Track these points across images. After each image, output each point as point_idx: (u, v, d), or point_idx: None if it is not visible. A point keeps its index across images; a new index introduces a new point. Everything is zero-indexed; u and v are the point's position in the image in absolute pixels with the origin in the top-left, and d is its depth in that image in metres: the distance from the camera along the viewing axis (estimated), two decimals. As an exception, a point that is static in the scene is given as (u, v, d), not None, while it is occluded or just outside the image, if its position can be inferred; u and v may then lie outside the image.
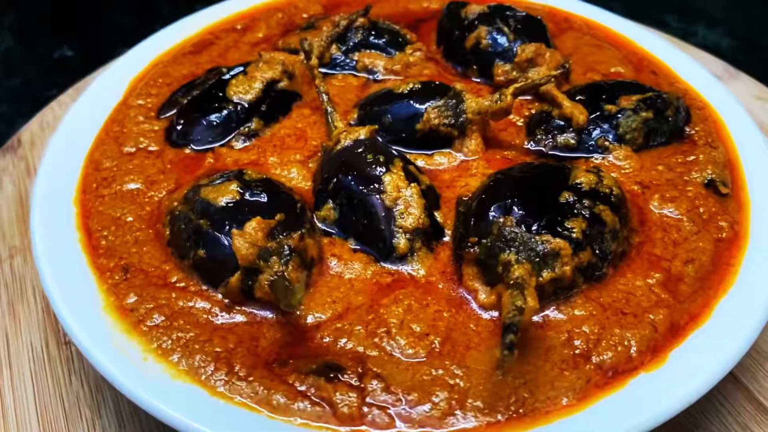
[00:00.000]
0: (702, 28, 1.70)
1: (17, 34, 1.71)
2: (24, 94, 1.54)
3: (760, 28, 1.71)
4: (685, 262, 0.90)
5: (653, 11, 1.74)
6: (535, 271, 0.82)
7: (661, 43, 1.24)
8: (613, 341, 0.82)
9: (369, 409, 0.76)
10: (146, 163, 1.03)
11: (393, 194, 0.91)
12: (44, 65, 1.62)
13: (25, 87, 1.56)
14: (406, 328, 0.83)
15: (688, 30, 1.69)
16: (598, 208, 0.88)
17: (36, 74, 1.59)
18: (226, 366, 0.80)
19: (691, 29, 1.70)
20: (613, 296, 0.86)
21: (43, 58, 1.64)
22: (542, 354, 0.81)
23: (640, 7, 1.75)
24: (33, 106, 1.39)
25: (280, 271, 0.84)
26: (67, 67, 1.61)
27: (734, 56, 1.57)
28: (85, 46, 1.67)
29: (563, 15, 1.31)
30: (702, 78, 1.17)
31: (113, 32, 1.53)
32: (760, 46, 1.65)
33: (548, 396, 0.78)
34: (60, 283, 0.87)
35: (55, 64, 1.62)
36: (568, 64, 1.03)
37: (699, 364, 0.80)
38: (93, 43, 1.65)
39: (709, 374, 0.79)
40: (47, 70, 1.61)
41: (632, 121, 1.02)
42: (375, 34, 1.20)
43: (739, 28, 1.70)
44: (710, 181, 0.99)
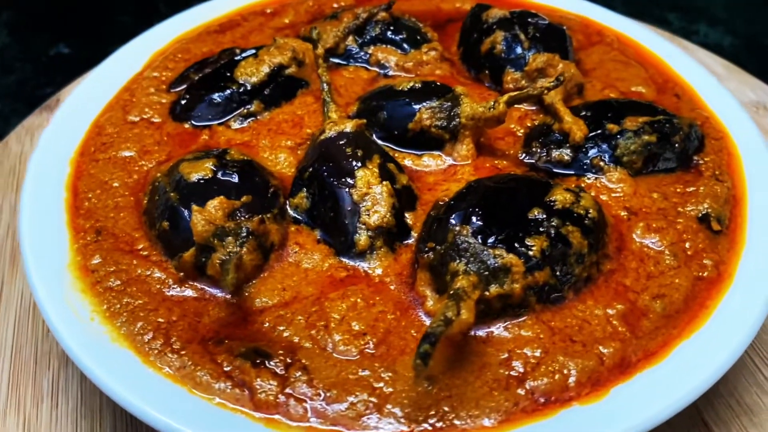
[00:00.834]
0: (704, 27, 1.67)
1: (13, 31, 1.68)
2: (19, 92, 1.51)
3: (762, 27, 1.65)
4: (654, 296, 0.84)
5: (655, 9, 1.72)
6: (481, 285, 0.79)
7: (691, 65, 1.16)
8: (552, 368, 0.78)
9: (286, 399, 0.76)
10: (145, 133, 1.06)
11: (362, 190, 0.90)
12: (40, 63, 1.59)
13: (21, 85, 1.53)
14: (345, 324, 0.81)
15: (689, 28, 1.67)
16: (566, 228, 0.84)
17: (31, 72, 1.56)
18: (163, 337, 0.81)
19: (692, 28, 1.68)
20: (566, 321, 0.82)
21: (38, 55, 1.61)
22: (476, 370, 0.78)
23: (642, 6, 1.73)
24: (28, 104, 1.38)
25: (234, 252, 0.85)
26: (63, 64, 1.58)
27: (736, 55, 1.56)
28: (82, 43, 1.64)
29: (597, 28, 1.26)
30: (727, 106, 1.09)
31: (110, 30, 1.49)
32: (762, 45, 1.59)
33: (470, 414, 0.75)
34: (34, 236, 0.90)
35: (51, 62, 1.59)
36: (563, 77, 0.98)
37: (641, 403, 0.75)
38: (90, 40, 1.62)
39: (649, 415, 0.74)
40: (43, 67, 1.58)
41: (632, 143, 0.97)
42: (393, 29, 1.18)
43: (741, 26, 1.67)
44: (705, 215, 0.93)
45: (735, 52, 1.59)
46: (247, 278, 0.86)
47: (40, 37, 1.66)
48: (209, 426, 0.73)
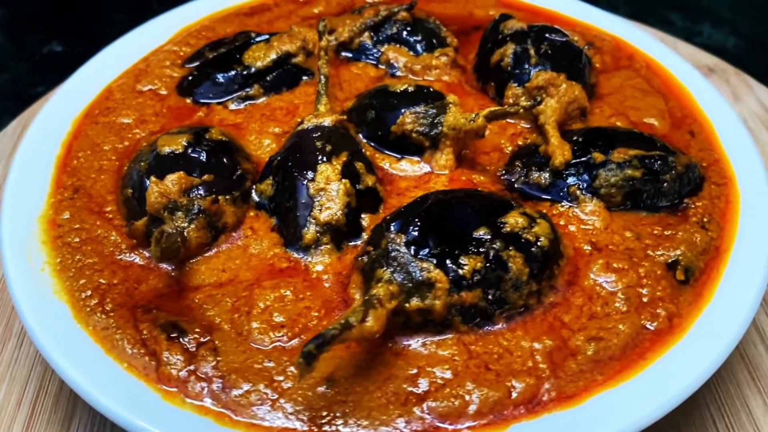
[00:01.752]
0: (707, 27, 1.65)
1: (6, 29, 1.65)
2: (11, 91, 1.49)
3: (766, 27, 1.61)
4: (589, 338, 0.81)
5: (657, 9, 1.69)
6: (402, 296, 0.79)
7: (717, 102, 1.09)
8: (456, 392, 0.76)
9: (188, 375, 0.78)
10: (148, 104, 1.11)
11: (320, 185, 0.91)
12: (33, 61, 1.57)
13: (14, 83, 1.51)
14: (267, 314, 0.83)
15: (692, 29, 1.65)
16: (508, 252, 0.82)
17: (24, 70, 1.54)
18: (99, 297, 0.85)
19: (695, 28, 1.66)
20: (488, 348, 0.80)
21: (32, 53, 1.59)
22: (380, 380, 0.78)
23: (645, 6, 1.70)
24: (20, 102, 1.38)
25: (182, 227, 0.88)
26: (56, 63, 1.56)
27: (739, 56, 1.55)
28: (75, 41, 1.61)
29: (629, 51, 1.20)
30: (743, 150, 1.02)
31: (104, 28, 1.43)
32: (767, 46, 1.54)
33: (360, 423, 0.74)
34: (18, 186, 0.97)
35: (45, 60, 1.57)
36: (540, 98, 0.95)
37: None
38: (83, 39, 1.57)
39: (542, 460, 0.71)
40: (36, 66, 1.56)
41: (612, 176, 0.92)
42: (410, 30, 1.18)
43: (745, 26, 1.65)
44: (674, 262, 0.88)
45: (739, 53, 1.57)
46: (191, 254, 0.89)
47: (34, 35, 1.64)
48: (110, 386, 0.77)
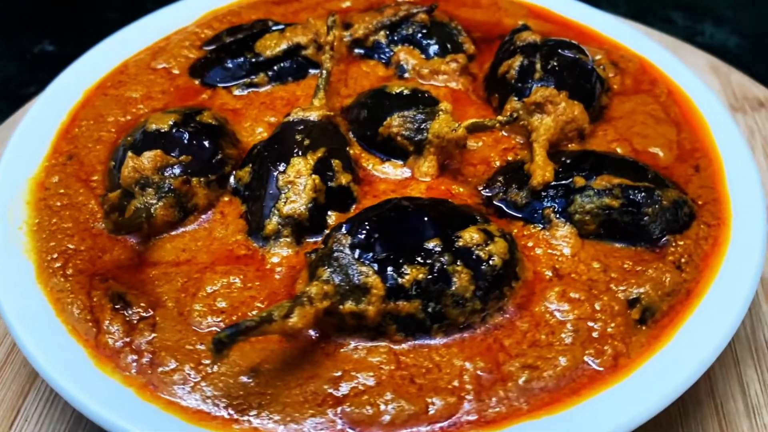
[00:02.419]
0: (709, 26, 1.65)
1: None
2: (1, 91, 1.49)
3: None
4: (524, 366, 0.80)
5: (658, 8, 1.70)
6: (336, 297, 0.80)
7: (734, 138, 1.04)
8: (373, 400, 0.77)
9: (123, 347, 0.82)
10: (158, 81, 1.16)
11: (289, 177, 0.93)
12: (24, 61, 1.57)
13: (3, 83, 1.51)
14: (211, 298, 0.86)
15: (694, 28, 1.65)
16: (454, 267, 0.81)
17: (15, 70, 1.54)
18: (63, 260, 0.90)
19: (697, 27, 1.66)
20: (419, 361, 0.80)
21: (23, 53, 1.59)
22: (303, 378, 0.79)
23: (646, 5, 1.70)
24: (11, 103, 1.37)
25: (151, 203, 0.92)
26: (47, 62, 1.55)
27: (742, 56, 1.55)
28: (67, 40, 1.60)
29: (653, 75, 1.16)
30: (748, 192, 0.97)
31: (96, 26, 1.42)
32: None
33: (272, 417, 0.76)
34: (17, 147, 1.04)
35: (36, 60, 1.57)
36: (517, 114, 0.93)
37: (443, 468, 0.72)
38: (75, 37, 1.55)
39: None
40: (27, 65, 1.56)
41: (588, 202, 0.90)
42: (426, 33, 1.18)
43: (747, 26, 1.65)
44: (635, 300, 0.85)
45: (740, 53, 1.57)
46: (157, 231, 0.93)
47: (24, 34, 1.63)
48: (50, 345, 0.81)
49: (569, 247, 0.90)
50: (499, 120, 0.92)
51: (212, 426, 0.75)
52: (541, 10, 1.30)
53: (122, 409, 0.76)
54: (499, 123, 0.92)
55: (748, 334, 1.02)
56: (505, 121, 0.92)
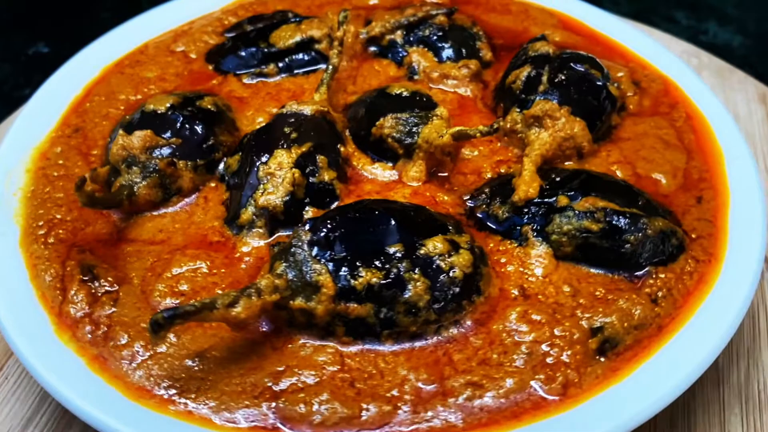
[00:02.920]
0: (713, 26, 1.65)
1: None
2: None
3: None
4: (468, 383, 0.79)
5: (662, 7, 1.69)
6: (287, 292, 0.81)
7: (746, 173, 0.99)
8: (309, 398, 0.77)
9: (83, 317, 0.85)
10: (175, 64, 1.20)
11: (270, 169, 0.94)
12: (18, 62, 1.56)
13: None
14: (175, 280, 0.88)
15: (698, 27, 1.65)
16: (411, 275, 0.81)
17: (9, 72, 1.53)
18: (47, 228, 0.95)
19: (701, 27, 1.65)
20: (363, 365, 0.81)
21: (17, 54, 1.58)
22: (246, 368, 0.81)
23: (649, 4, 1.70)
24: (5, 105, 1.37)
25: (135, 181, 0.96)
26: (42, 64, 1.53)
27: (747, 56, 1.55)
28: (62, 42, 1.58)
29: (675, 99, 1.12)
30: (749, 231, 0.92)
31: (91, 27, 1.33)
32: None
33: (207, 403, 0.78)
34: (28, 116, 1.09)
35: (30, 61, 1.56)
36: (497, 125, 0.91)
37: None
38: (70, 38, 1.49)
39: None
40: (21, 67, 1.55)
41: (566, 224, 0.88)
42: (442, 35, 1.18)
43: (752, 25, 1.64)
44: (598, 329, 0.82)
45: (745, 53, 1.57)
46: (138, 209, 0.97)
47: (19, 35, 1.62)
48: (16, 307, 0.86)
49: (542, 268, 0.88)
50: (479, 129, 0.91)
51: (149, 404, 0.78)
52: (571, 21, 1.28)
53: (69, 378, 0.79)
54: (479, 132, 0.91)
55: (741, 381, 0.97)
56: (486, 132, 0.91)
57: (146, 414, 0.77)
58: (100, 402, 0.77)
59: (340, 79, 1.15)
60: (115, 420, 0.75)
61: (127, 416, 0.76)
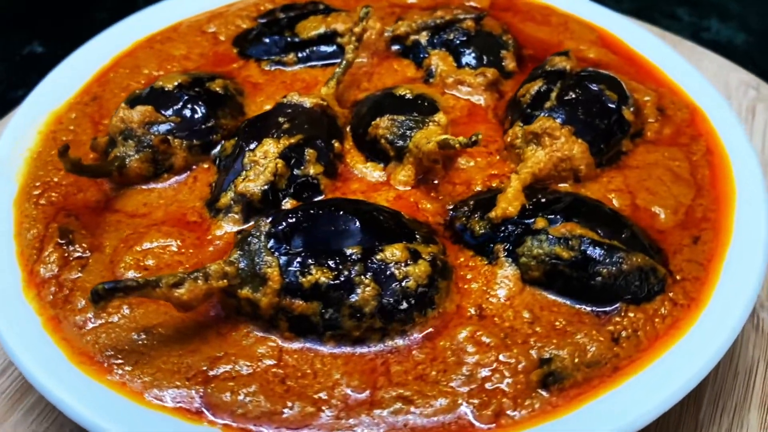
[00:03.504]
0: (715, 22, 1.64)
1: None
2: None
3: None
4: (399, 397, 0.78)
5: (663, 4, 1.68)
6: (236, 280, 0.82)
7: (756, 220, 0.93)
8: (237, 388, 0.78)
9: (50, 278, 0.89)
10: (202, 44, 1.23)
11: (255, 157, 0.96)
12: (13, 63, 1.55)
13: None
14: (142, 254, 0.91)
15: (700, 24, 1.64)
16: (361, 279, 0.81)
17: (3, 73, 1.53)
18: (42, 190, 0.99)
19: (703, 23, 1.65)
20: (300, 363, 0.81)
21: (11, 55, 1.57)
22: (186, 350, 0.82)
23: (651, 1, 1.68)
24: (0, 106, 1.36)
25: (129, 154, 0.99)
26: (37, 64, 1.52)
27: (749, 53, 1.56)
28: (58, 42, 1.56)
29: (699, 131, 1.06)
30: (743, 282, 0.87)
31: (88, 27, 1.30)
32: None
33: (141, 378, 0.80)
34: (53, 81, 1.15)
35: (25, 62, 1.55)
36: (476, 138, 0.88)
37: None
38: (66, 38, 1.44)
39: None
40: (16, 68, 1.54)
41: (537, 247, 0.85)
42: (466, 41, 1.15)
43: (755, 22, 1.63)
44: (545, 361, 0.80)
45: (748, 50, 1.56)
46: (129, 182, 1.00)
47: (13, 35, 1.61)
48: (-7, 259, 0.91)
49: (506, 290, 0.86)
50: (459, 140, 0.89)
51: (88, 370, 0.81)
52: (611, 38, 1.23)
53: (21, 332, 0.83)
54: (459, 143, 0.89)
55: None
56: (464, 143, 0.89)
57: (82, 379, 0.79)
58: (42, 359, 0.80)
59: (356, 74, 1.15)
60: (49, 378, 0.79)
61: (62, 377, 0.79)
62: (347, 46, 1.11)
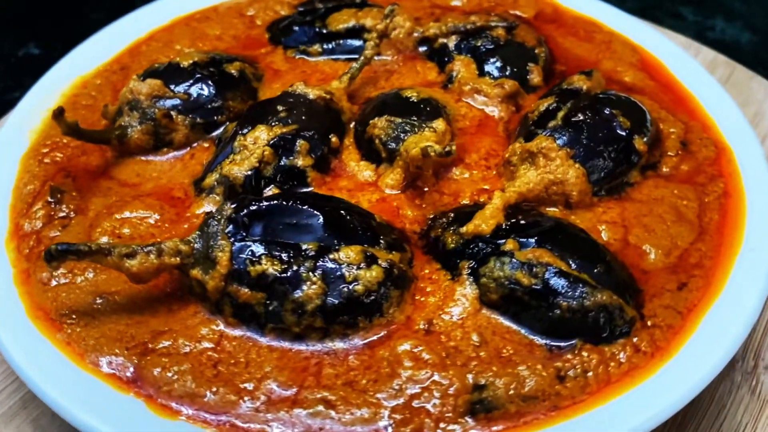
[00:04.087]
0: (720, 22, 1.64)
1: None
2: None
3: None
4: (323, 399, 0.78)
5: (667, 3, 1.68)
6: (189, 260, 0.84)
7: (754, 282, 0.86)
8: (170, 365, 0.80)
9: (31, 234, 0.93)
10: (237, 26, 1.26)
11: (245, 141, 0.97)
12: (8, 64, 1.54)
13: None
14: (120, 222, 0.94)
15: (704, 24, 1.64)
16: (309, 276, 0.81)
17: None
18: (50, 148, 1.04)
19: (708, 23, 1.64)
20: (236, 351, 0.82)
21: (6, 56, 1.56)
22: (134, 319, 0.85)
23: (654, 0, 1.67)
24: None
25: (131, 125, 1.03)
26: (33, 66, 1.50)
27: (755, 52, 1.55)
28: (54, 43, 1.54)
29: (723, 172, 0.99)
30: (719, 334, 0.81)
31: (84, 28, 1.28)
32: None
33: (87, 341, 0.83)
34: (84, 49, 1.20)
35: (20, 63, 1.54)
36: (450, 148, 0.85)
37: None
38: (62, 39, 1.40)
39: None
40: (11, 69, 1.53)
41: (498, 270, 0.83)
42: (492, 49, 1.13)
43: (760, 21, 1.63)
44: (478, 387, 0.77)
45: (754, 49, 1.56)
46: (129, 151, 1.04)
47: (8, 37, 1.60)
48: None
49: (461, 308, 0.84)
50: (435, 149, 0.87)
51: (41, 325, 0.84)
52: (653, 62, 1.17)
53: (-10, 283, 0.88)
54: (435, 152, 0.87)
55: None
56: (440, 153, 0.87)
57: (32, 332, 0.83)
58: (1, 309, 0.85)
59: (377, 72, 1.15)
60: (2, 328, 0.83)
61: (15, 328, 0.83)
62: (367, 42, 1.11)
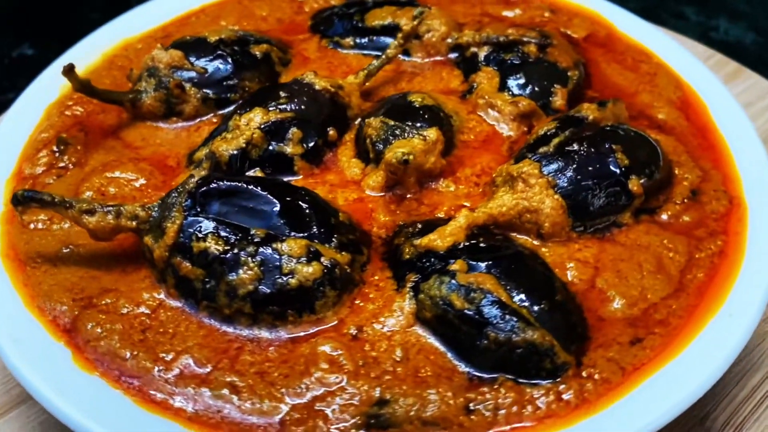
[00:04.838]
0: (724, 22, 1.65)
1: None
2: None
3: None
4: (229, 384, 0.79)
5: (671, 3, 1.70)
6: (144, 225, 0.88)
7: (724, 351, 0.80)
8: (103, 323, 0.84)
9: (28, 178, 1.00)
10: (285, 10, 1.29)
11: (239, 121, 1.00)
12: (2, 65, 1.55)
13: None
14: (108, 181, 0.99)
15: (708, 24, 1.65)
16: (247, 260, 0.83)
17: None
18: (74, 102, 1.11)
19: (711, 23, 1.65)
20: (169, 321, 0.85)
21: (0, 57, 1.57)
22: (89, 275, 0.90)
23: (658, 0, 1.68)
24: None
25: (147, 91, 1.08)
26: (27, 66, 1.50)
27: (759, 53, 1.56)
28: (48, 43, 1.54)
29: (727, 229, 0.93)
30: (662, 397, 0.76)
31: (80, 28, 1.27)
32: None
33: (41, 285, 0.88)
34: (137, 16, 1.26)
35: (14, 64, 1.55)
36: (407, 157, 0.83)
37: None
38: (57, 40, 1.39)
39: None
40: (5, 70, 1.54)
41: (435, 288, 0.81)
42: (519, 64, 1.10)
43: (764, 21, 1.64)
44: (380, 403, 0.76)
45: (758, 50, 1.57)
46: (140, 116, 1.09)
47: (3, 37, 1.61)
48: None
49: (394, 321, 0.83)
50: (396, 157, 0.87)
51: (8, 264, 0.90)
52: (696, 103, 1.10)
53: (-21, 219, 0.96)
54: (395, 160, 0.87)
55: None
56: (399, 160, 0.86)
57: (-4, 270, 0.90)
58: (-26, 244, 0.92)
59: (403, 73, 1.15)
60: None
61: (-19, 264, 0.90)
62: (393, 41, 1.11)
